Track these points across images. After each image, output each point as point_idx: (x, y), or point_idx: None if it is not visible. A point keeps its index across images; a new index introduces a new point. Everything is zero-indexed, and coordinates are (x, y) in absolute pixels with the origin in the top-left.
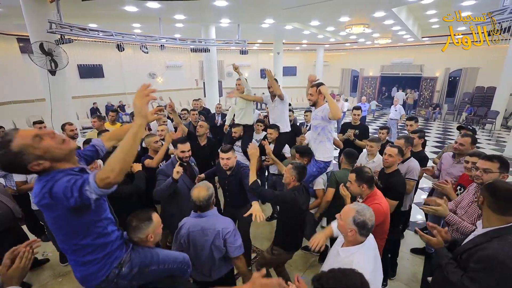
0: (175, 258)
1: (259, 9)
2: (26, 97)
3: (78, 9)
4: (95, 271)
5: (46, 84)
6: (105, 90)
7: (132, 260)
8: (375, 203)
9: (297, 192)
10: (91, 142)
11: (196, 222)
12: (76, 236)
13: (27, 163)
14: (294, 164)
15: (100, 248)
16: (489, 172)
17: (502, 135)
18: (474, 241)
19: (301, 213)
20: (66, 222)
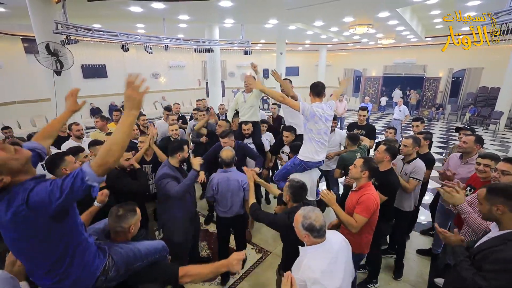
0: (155, 248)
1: (263, 9)
2: (31, 97)
3: (83, 9)
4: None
5: (51, 84)
6: (108, 90)
7: (116, 262)
8: (367, 194)
9: (292, 215)
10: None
11: (223, 175)
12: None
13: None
14: (291, 182)
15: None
16: (507, 175)
17: (506, 135)
18: (489, 243)
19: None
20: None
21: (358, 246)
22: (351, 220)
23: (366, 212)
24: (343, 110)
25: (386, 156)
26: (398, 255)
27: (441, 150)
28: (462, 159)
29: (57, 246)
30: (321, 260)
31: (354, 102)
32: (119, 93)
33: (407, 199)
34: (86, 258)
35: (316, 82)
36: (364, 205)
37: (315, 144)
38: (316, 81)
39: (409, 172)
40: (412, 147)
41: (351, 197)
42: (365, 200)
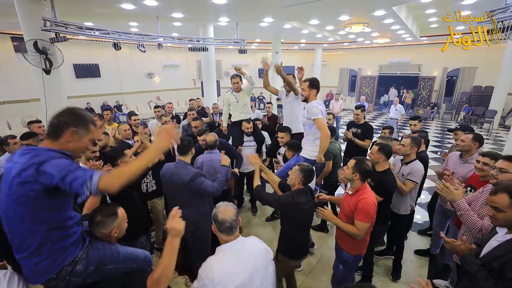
0: (136, 257)
1: (259, 7)
2: (21, 97)
3: (73, 6)
4: (45, 267)
5: (41, 83)
6: (101, 90)
7: (89, 257)
8: (365, 198)
9: (296, 195)
10: None
11: (207, 156)
12: (37, 223)
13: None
14: (302, 166)
15: (55, 241)
16: (504, 172)
17: (500, 134)
18: (504, 247)
19: (303, 218)
20: (33, 204)
21: (357, 247)
22: (353, 230)
23: (367, 218)
24: (339, 109)
25: (380, 156)
26: (396, 257)
27: (436, 149)
28: (461, 158)
29: (36, 220)
30: (223, 261)
31: (350, 101)
32: (112, 93)
33: (403, 203)
34: (62, 244)
35: (315, 77)
36: (364, 211)
37: (316, 143)
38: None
39: (406, 174)
40: (410, 147)
41: (347, 199)
42: (364, 206)
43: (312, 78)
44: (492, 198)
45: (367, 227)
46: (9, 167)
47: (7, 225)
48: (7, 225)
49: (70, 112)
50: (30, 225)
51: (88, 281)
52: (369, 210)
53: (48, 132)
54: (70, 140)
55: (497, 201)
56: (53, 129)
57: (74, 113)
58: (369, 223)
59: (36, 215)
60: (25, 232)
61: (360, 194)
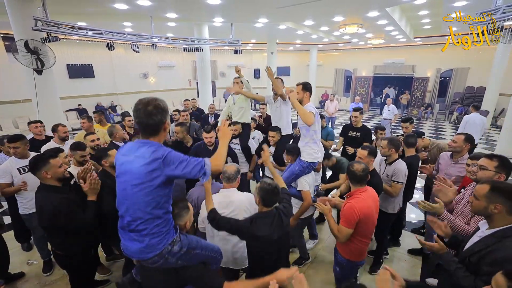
0: (212, 247)
1: (253, 7)
2: (12, 98)
3: (65, 6)
4: (155, 243)
5: (32, 84)
6: (95, 90)
7: (182, 240)
8: (349, 202)
9: (257, 220)
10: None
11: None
12: (156, 206)
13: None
14: (261, 184)
15: (166, 222)
16: (483, 169)
17: (492, 134)
18: (482, 242)
19: (270, 247)
20: (154, 190)
21: (348, 251)
22: (335, 230)
23: (347, 223)
24: (334, 109)
25: (371, 159)
26: (376, 252)
27: None
28: (452, 159)
29: (157, 205)
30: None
31: (345, 101)
32: (106, 94)
33: (390, 202)
34: (168, 226)
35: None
36: (344, 215)
37: (318, 143)
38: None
39: (390, 174)
40: (388, 148)
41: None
42: (345, 210)
43: (305, 81)
44: (477, 186)
45: (347, 233)
46: (130, 160)
47: (129, 210)
48: (130, 210)
49: (159, 108)
50: (151, 210)
51: (179, 262)
52: (350, 214)
53: (146, 131)
54: (164, 133)
55: (478, 189)
56: (152, 128)
57: (162, 108)
58: (349, 228)
59: (158, 201)
60: (146, 215)
61: (349, 199)
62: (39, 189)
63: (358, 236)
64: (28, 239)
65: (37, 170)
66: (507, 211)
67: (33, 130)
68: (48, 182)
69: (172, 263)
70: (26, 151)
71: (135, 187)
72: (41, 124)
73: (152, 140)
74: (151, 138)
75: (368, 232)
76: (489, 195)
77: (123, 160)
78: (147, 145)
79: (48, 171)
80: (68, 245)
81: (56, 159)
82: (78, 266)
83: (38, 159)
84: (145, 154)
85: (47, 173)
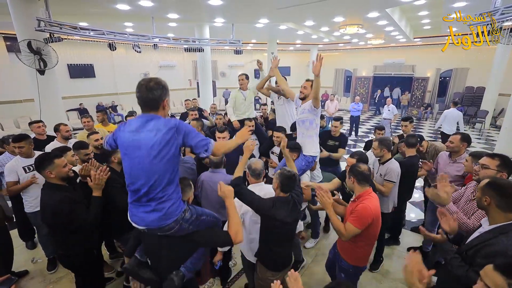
0: (210, 212)
1: (254, 8)
2: (14, 98)
3: (68, 6)
4: (173, 210)
5: (35, 84)
6: (96, 90)
7: (191, 209)
8: (364, 203)
9: (277, 203)
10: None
11: (210, 175)
12: (172, 172)
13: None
14: (282, 170)
15: (179, 189)
16: (485, 168)
17: (491, 134)
18: (480, 238)
19: (283, 231)
20: (171, 157)
21: (354, 257)
22: (341, 228)
23: (358, 223)
24: (334, 109)
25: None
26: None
27: None
28: (451, 158)
29: (172, 171)
30: (257, 191)
31: (345, 101)
32: (107, 93)
33: (384, 201)
34: (180, 193)
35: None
36: (358, 215)
37: (317, 138)
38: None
39: (383, 174)
40: (380, 149)
41: (349, 207)
42: (359, 209)
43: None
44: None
45: (355, 232)
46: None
47: (148, 181)
48: (149, 181)
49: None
50: (169, 176)
51: (190, 228)
52: (364, 215)
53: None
54: (163, 112)
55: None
56: (152, 103)
57: (163, 86)
58: (359, 228)
59: (174, 167)
60: (164, 181)
61: (361, 199)
62: (44, 187)
63: (366, 240)
64: (32, 237)
65: (42, 169)
66: (496, 205)
67: (35, 130)
68: (52, 181)
69: (185, 228)
70: (30, 151)
71: (154, 158)
72: (43, 124)
73: (155, 114)
74: (152, 112)
75: (376, 234)
76: (484, 188)
77: (134, 136)
78: (155, 119)
79: (52, 170)
80: (70, 245)
81: (61, 159)
82: (80, 266)
83: (44, 158)
84: (159, 126)
85: (51, 173)
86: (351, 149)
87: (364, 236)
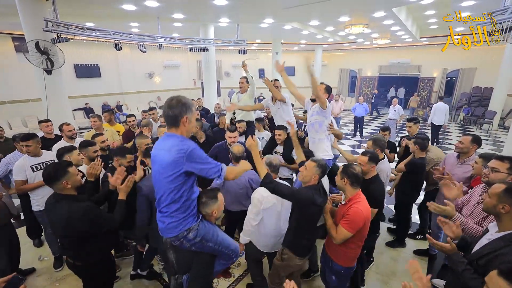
0: (229, 245)
1: (259, 8)
2: (21, 97)
3: (75, 7)
4: (172, 227)
5: (42, 83)
6: (102, 90)
7: (199, 230)
8: (355, 206)
9: (314, 191)
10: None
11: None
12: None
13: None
14: (318, 162)
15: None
16: (496, 172)
17: (500, 135)
18: (491, 245)
19: (318, 215)
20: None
21: (344, 258)
22: (332, 231)
23: (350, 227)
24: (339, 110)
25: (371, 165)
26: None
27: None
28: (459, 159)
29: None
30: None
31: (350, 102)
32: (112, 93)
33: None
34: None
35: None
36: (350, 219)
37: (328, 141)
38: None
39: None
40: (373, 149)
41: (340, 210)
42: (351, 214)
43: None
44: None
45: (346, 235)
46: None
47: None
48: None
49: (180, 103)
50: (173, 196)
51: (192, 248)
52: (356, 219)
53: (168, 122)
54: (185, 128)
55: (494, 187)
56: (172, 119)
57: (183, 103)
58: (351, 232)
59: (179, 189)
60: (167, 200)
61: (352, 203)
62: (58, 199)
63: (356, 241)
64: (39, 235)
65: (57, 180)
66: None
67: (44, 129)
68: (67, 192)
69: (186, 247)
70: (38, 150)
71: (161, 175)
72: (51, 123)
73: (175, 133)
74: (174, 129)
75: (365, 235)
76: (502, 195)
77: (156, 152)
78: (173, 138)
79: (68, 180)
80: (90, 253)
81: (73, 168)
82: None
83: (56, 168)
84: (171, 147)
85: (68, 183)
86: (355, 150)
87: (356, 237)
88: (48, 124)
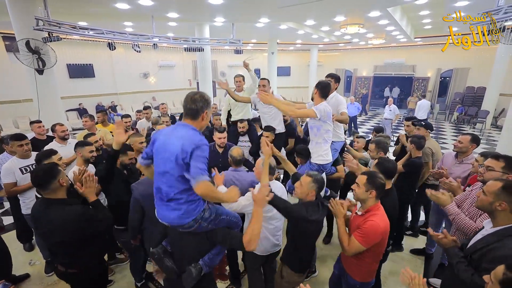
0: (234, 214)
1: (255, 8)
2: (13, 97)
3: (67, 6)
4: (192, 209)
5: (33, 83)
6: (96, 90)
7: (211, 208)
8: (372, 220)
9: (310, 209)
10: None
11: (233, 173)
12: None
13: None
14: (314, 176)
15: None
16: (490, 170)
17: (492, 134)
18: (484, 240)
19: (315, 232)
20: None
21: (361, 274)
22: (345, 241)
23: (364, 241)
24: None
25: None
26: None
27: None
28: (457, 159)
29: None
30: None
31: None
32: (106, 93)
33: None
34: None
35: (325, 81)
36: (365, 232)
37: (327, 145)
38: (325, 81)
39: None
40: (376, 152)
41: (355, 220)
42: (367, 227)
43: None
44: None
45: (358, 249)
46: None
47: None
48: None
49: (203, 98)
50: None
51: (209, 226)
52: (370, 233)
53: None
54: (202, 123)
55: (490, 185)
56: (193, 112)
57: (206, 99)
58: (364, 246)
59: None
60: (181, 186)
61: (369, 214)
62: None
63: (373, 256)
64: (30, 239)
65: (54, 179)
66: (511, 210)
67: (36, 130)
68: (58, 196)
69: (204, 227)
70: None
71: (172, 162)
72: (43, 124)
73: (191, 125)
74: (191, 121)
75: (383, 251)
76: (499, 193)
77: (164, 139)
78: (187, 127)
79: (62, 178)
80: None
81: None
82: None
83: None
84: (184, 135)
85: (63, 181)
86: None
87: (372, 252)
88: (40, 125)
